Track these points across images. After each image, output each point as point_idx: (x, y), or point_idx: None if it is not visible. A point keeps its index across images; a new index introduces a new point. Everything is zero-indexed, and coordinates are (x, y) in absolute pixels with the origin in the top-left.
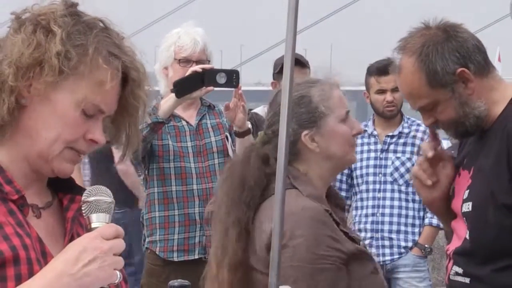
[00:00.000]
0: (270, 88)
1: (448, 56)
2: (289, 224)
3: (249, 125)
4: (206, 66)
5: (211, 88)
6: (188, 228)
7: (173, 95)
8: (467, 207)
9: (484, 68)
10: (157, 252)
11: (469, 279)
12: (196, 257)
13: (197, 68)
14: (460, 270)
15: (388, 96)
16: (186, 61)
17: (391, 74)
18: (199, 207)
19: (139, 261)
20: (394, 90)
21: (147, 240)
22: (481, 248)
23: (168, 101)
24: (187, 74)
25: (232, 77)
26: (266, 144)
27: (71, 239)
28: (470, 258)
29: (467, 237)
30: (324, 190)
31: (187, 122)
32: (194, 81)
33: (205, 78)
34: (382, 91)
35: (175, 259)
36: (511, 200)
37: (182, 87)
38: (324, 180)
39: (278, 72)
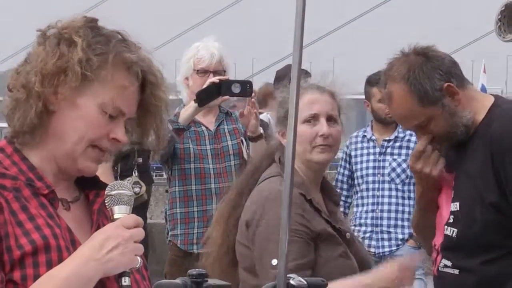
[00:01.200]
0: None
1: (433, 74)
2: (266, 206)
3: (261, 131)
4: (222, 77)
5: (226, 97)
6: (206, 223)
7: (192, 104)
8: (455, 206)
9: (464, 80)
10: (178, 245)
11: (458, 270)
12: None
13: (214, 79)
14: (449, 263)
15: None
16: (204, 71)
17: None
18: (216, 204)
19: None
20: None
21: (169, 233)
22: (469, 242)
23: (187, 109)
24: (205, 85)
25: (246, 87)
26: None
27: (97, 229)
28: (458, 252)
29: (456, 233)
30: (310, 181)
31: (207, 128)
32: (212, 91)
33: (222, 88)
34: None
35: (195, 251)
36: (498, 198)
37: (202, 97)
38: (304, 173)
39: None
